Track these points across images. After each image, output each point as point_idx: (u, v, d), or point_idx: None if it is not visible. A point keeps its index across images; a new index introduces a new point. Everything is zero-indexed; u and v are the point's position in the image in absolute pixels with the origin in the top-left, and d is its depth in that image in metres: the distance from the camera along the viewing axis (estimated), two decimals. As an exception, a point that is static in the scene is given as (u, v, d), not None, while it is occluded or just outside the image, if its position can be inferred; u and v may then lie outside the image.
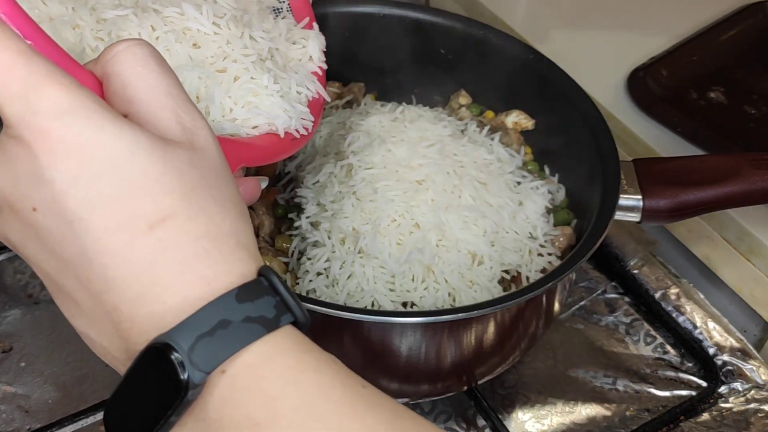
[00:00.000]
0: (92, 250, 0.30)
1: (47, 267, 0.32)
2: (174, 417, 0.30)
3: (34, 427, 0.55)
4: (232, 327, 0.30)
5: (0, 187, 0.31)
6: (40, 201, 0.30)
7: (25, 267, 0.65)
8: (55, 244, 0.31)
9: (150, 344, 0.30)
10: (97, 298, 0.31)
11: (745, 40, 0.79)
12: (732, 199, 0.55)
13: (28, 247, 0.32)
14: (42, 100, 0.30)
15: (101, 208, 0.30)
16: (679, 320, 0.65)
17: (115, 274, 0.30)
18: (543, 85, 0.62)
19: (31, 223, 0.31)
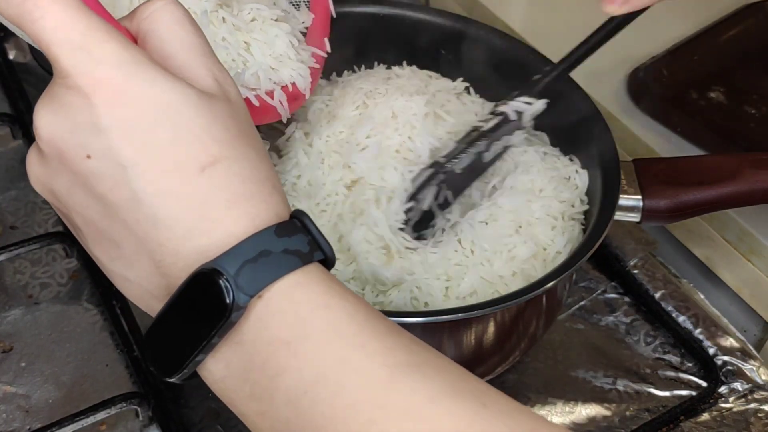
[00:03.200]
0: (145, 192, 0.32)
1: (92, 213, 0.34)
2: (216, 338, 0.32)
3: (34, 427, 0.55)
4: (273, 256, 0.33)
5: (53, 138, 0.33)
6: (96, 148, 0.32)
7: (24, 267, 0.65)
8: (106, 190, 0.33)
9: (197, 270, 0.32)
10: (143, 238, 0.33)
11: (745, 40, 0.79)
12: (732, 199, 0.55)
13: (74, 195, 0.34)
14: (103, 52, 0.32)
15: (156, 154, 0.32)
16: (679, 320, 0.65)
17: (165, 213, 0.32)
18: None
19: (82, 170, 0.33)
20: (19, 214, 0.68)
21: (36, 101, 0.79)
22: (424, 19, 0.66)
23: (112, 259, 0.35)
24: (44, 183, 0.35)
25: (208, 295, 0.32)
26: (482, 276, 0.52)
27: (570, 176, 0.58)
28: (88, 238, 0.35)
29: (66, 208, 0.35)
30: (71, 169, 0.33)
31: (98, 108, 0.32)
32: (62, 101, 0.32)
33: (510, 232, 0.54)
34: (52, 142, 0.33)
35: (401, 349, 0.33)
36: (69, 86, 0.32)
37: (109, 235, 0.34)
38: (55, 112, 0.33)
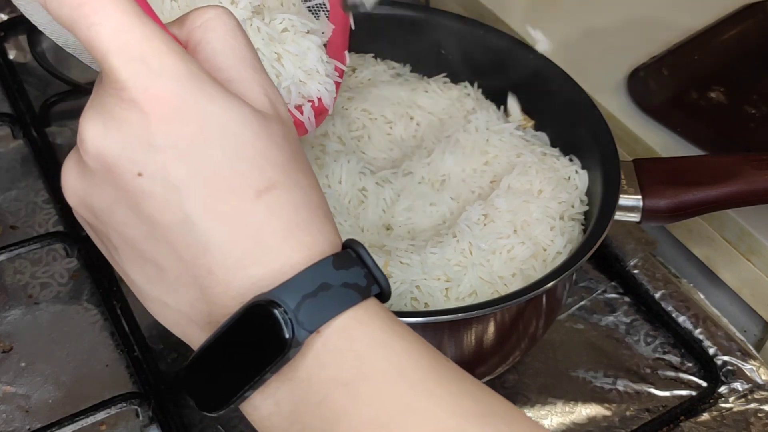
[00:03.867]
0: (198, 215, 0.31)
1: (134, 233, 0.32)
2: (269, 375, 0.31)
3: (34, 427, 0.55)
4: (333, 290, 0.31)
5: (102, 152, 0.31)
6: (148, 167, 0.30)
7: (24, 267, 0.64)
8: (155, 210, 0.31)
9: (252, 301, 0.30)
10: (191, 263, 0.31)
11: (745, 40, 0.79)
12: (732, 199, 0.55)
13: (115, 213, 0.32)
14: (162, 65, 0.30)
15: (212, 176, 0.31)
16: (679, 320, 0.65)
17: (218, 239, 0.31)
18: (543, 85, 0.62)
19: (131, 188, 0.31)
20: (19, 214, 0.68)
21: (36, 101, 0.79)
22: (424, 18, 0.66)
23: (150, 282, 0.33)
24: (81, 197, 0.33)
25: (263, 328, 0.30)
26: (482, 276, 0.52)
27: (570, 176, 0.58)
28: (125, 259, 0.33)
29: (103, 226, 0.33)
30: (118, 186, 0.31)
31: (154, 125, 0.30)
32: (114, 115, 0.31)
33: (508, 233, 0.54)
34: (101, 157, 0.31)
35: (468, 397, 0.31)
36: (123, 99, 0.30)
37: (151, 257, 0.32)
38: (105, 125, 0.31)
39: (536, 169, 0.58)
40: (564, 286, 0.56)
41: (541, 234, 0.54)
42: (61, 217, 0.67)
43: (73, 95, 0.76)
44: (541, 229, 0.54)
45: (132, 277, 0.34)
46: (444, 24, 0.66)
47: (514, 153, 0.59)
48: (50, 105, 0.75)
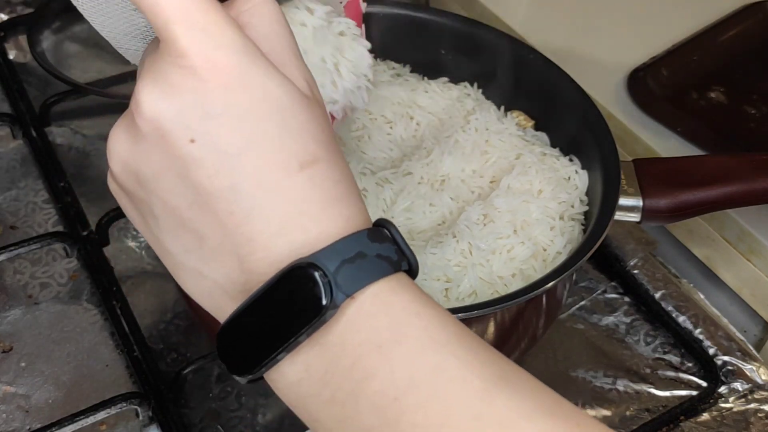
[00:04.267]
0: (245, 183, 0.32)
1: (178, 200, 0.33)
2: (303, 337, 0.31)
3: (34, 427, 0.55)
4: (369, 259, 0.32)
5: (158, 116, 0.32)
6: (203, 133, 0.32)
7: (24, 267, 0.65)
8: (204, 177, 0.32)
9: (293, 264, 0.31)
10: (233, 231, 0.32)
11: (745, 40, 0.79)
12: (732, 199, 0.55)
13: (162, 179, 0.33)
14: (223, 36, 0.32)
15: (262, 146, 0.32)
16: (679, 320, 0.65)
17: (263, 206, 0.32)
18: (543, 85, 0.62)
19: (182, 154, 0.32)
20: (19, 214, 0.68)
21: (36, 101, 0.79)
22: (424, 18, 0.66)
23: (187, 251, 0.34)
24: (128, 162, 0.34)
25: (301, 290, 0.31)
26: (481, 277, 0.52)
27: (570, 176, 0.58)
28: (163, 228, 0.34)
29: (146, 193, 0.34)
30: (169, 151, 0.32)
31: (212, 92, 0.31)
32: (173, 81, 0.31)
33: (508, 233, 0.54)
34: (156, 121, 0.32)
35: (494, 364, 0.32)
36: (183, 66, 0.31)
37: (192, 225, 0.33)
38: (163, 90, 0.32)
39: (536, 169, 0.58)
40: (564, 286, 0.56)
41: (541, 234, 0.54)
42: (61, 217, 0.67)
43: (73, 95, 0.76)
44: (540, 229, 0.54)
45: (168, 246, 0.34)
46: (444, 24, 0.66)
47: (514, 153, 0.59)
48: (50, 105, 0.75)
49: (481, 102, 0.64)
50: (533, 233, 0.54)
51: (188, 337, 0.61)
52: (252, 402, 0.58)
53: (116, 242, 0.66)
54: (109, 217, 0.65)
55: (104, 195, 0.69)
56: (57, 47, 0.83)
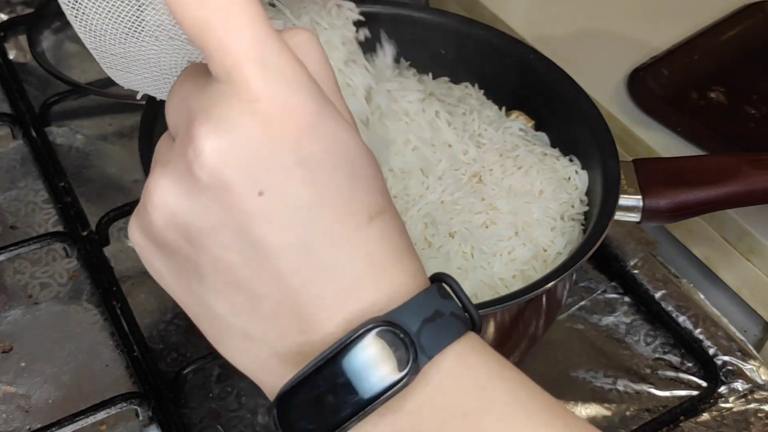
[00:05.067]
0: (316, 238, 0.29)
1: (234, 258, 0.29)
2: (380, 404, 0.29)
3: (34, 427, 0.55)
4: (446, 318, 0.30)
5: (223, 168, 0.28)
6: (273, 186, 0.29)
7: (24, 267, 0.64)
8: (269, 232, 0.29)
9: (370, 324, 0.29)
10: (295, 290, 0.29)
11: (745, 40, 0.79)
12: (732, 199, 0.55)
13: (219, 234, 0.29)
14: (298, 80, 0.29)
15: (334, 198, 0.29)
16: (679, 320, 0.65)
17: (333, 262, 0.29)
18: (543, 85, 0.62)
19: (246, 209, 0.29)
20: (19, 214, 0.68)
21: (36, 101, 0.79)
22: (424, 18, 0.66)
23: (236, 313, 0.30)
24: (178, 216, 0.30)
25: (378, 355, 0.28)
26: (482, 279, 0.52)
27: (570, 177, 0.58)
28: (210, 288, 0.31)
29: (194, 250, 0.30)
30: (233, 205, 0.29)
31: (286, 141, 0.28)
32: (242, 128, 0.28)
33: (509, 235, 0.54)
34: (221, 172, 0.28)
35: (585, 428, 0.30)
36: (254, 113, 0.28)
37: (247, 284, 0.30)
38: (231, 139, 0.28)
39: (537, 169, 0.58)
40: (564, 287, 0.55)
41: (542, 235, 0.54)
42: (61, 217, 0.67)
43: (73, 95, 0.76)
44: (541, 230, 0.54)
45: (214, 307, 0.31)
46: (444, 24, 0.65)
47: (515, 153, 0.59)
48: (50, 105, 0.75)
49: (481, 101, 0.64)
50: (534, 234, 0.54)
51: (188, 337, 0.61)
52: (252, 402, 0.58)
53: (116, 242, 0.66)
54: (109, 217, 0.65)
55: (104, 195, 0.70)
56: (57, 47, 0.83)
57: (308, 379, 0.29)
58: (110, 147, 0.74)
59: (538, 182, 0.57)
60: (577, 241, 0.55)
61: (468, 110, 0.62)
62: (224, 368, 0.59)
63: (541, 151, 0.60)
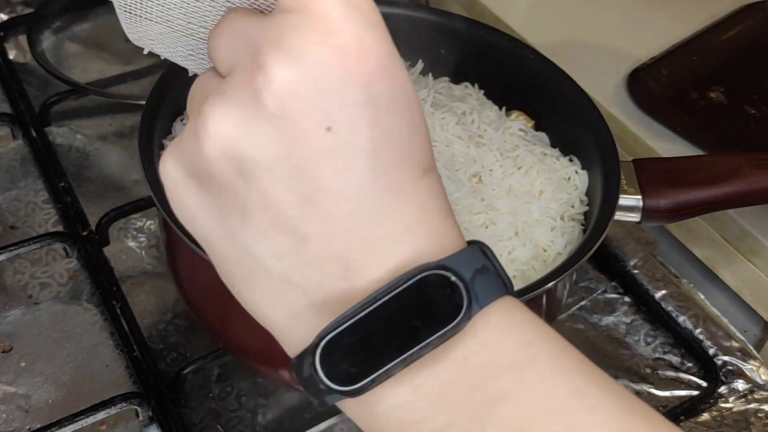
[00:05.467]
0: (376, 182, 0.28)
1: (286, 196, 0.28)
2: (428, 349, 0.28)
3: (34, 427, 0.55)
4: (492, 274, 0.29)
5: (294, 96, 0.27)
6: (342, 122, 0.28)
7: (24, 267, 0.64)
8: (330, 171, 0.28)
9: (425, 268, 0.28)
10: (347, 233, 0.28)
11: (745, 40, 0.79)
12: (732, 199, 0.55)
13: (275, 170, 0.28)
14: (376, 18, 0.29)
15: (396, 144, 0.29)
16: (679, 320, 0.65)
17: (390, 208, 0.29)
18: (543, 85, 0.62)
19: (311, 143, 0.28)
20: (19, 214, 0.68)
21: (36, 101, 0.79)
22: (425, 18, 0.66)
23: (279, 255, 0.29)
24: (234, 144, 0.28)
25: (435, 297, 0.28)
26: None
27: (570, 177, 0.58)
28: (254, 226, 0.29)
29: (244, 183, 0.28)
30: (297, 138, 0.28)
31: (359, 78, 0.28)
32: (315, 58, 0.27)
33: (509, 235, 0.54)
34: (291, 102, 0.27)
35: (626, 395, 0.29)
36: (331, 45, 0.27)
37: (297, 224, 0.28)
38: (304, 68, 0.27)
39: (537, 169, 0.58)
40: (564, 287, 0.55)
41: (542, 235, 0.54)
42: (61, 217, 0.67)
43: (73, 95, 0.76)
44: (541, 230, 0.54)
45: (255, 249, 0.29)
46: (444, 24, 0.65)
47: (515, 153, 0.59)
48: (50, 105, 0.75)
49: (482, 102, 0.64)
50: (534, 234, 0.54)
51: (188, 337, 0.61)
52: (252, 402, 0.58)
53: (116, 242, 0.66)
54: (109, 217, 0.65)
55: (104, 195, 0.70)
56: (57, 47, 0.83)
57: (357, 320, 0.28)
58: (110, 147, 0.74)
59: (538, 182, 0.57)
60: (577, 242, 0.55)
61: (468, 110, 0.62)
62: (224, 368, 0.59)
63: (541, 151, 0.60)
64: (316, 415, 0.57)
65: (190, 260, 0.51)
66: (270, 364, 0.52)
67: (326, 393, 0.28)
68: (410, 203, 0.29)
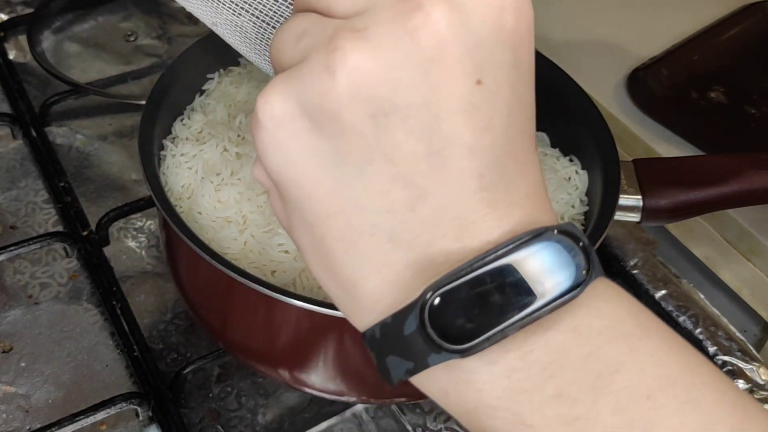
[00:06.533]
0: (505, 146, 0.27)
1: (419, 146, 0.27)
2: (546, 311, 0.26)
3: (34, 427, 0.55)
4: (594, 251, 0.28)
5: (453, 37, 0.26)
6: (492, 78, 0.27)
7: (24, 267, 0.64)
8: (469, 128, 0.27)
9: (548, 229, 0.27)
10: (472, 193, 0.27)
11: (745, 40, 0.79)
12: (732, 199, 0.55)
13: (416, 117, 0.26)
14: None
15: (525, 113, 0.28)
16: (679, 320, 0.65)
17: (513, 174, 0.28)
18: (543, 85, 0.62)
19: (460, 93, 0.26)
20: (19, 214, 0.68)
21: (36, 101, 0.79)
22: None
23: (394, 210, 0.27)
24: (376, 85, 0.26)
25: (558, 258, 0.27)
26: None
27: (570, 177, 0.58)
28: (372, 177, 0.27)
29: (373, 128, 0.27)
30: (447, 87, 0.26)
31: (511, 38, 0.27)
32: (476, 8, 0.26)
33: None
34: (450, 46, 0.26)
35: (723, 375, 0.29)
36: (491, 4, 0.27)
37: (420, 179, 0.27)
38: (464, 14, 0.26)
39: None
40: (564, 286, 0.55)
41: None
42: (61, 217, 0.67)
43: (73, 95, 0.76)
44: None
45: (367, 201, 0.27)
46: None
47: None
48: (50, 105, 0.75)
49: None
50: None
51: (188, 337, 0.61)
52: (252, 402, 0.58)
53: (116, 242, 0.66)
54: (109, 217, 0.65)
55: (104, 195, 0.70)
56: (57, 47, 0.83)
57: (478, 274, 0.26)
58: (110, 147, 0.74)
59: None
60: None
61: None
62: (224, 368, 0.59)
63: (542, 151, 0.60)
64: (316, 415, 0.57)
65: (190, 260, 0.51)
66: (270, 364, 0.52)
67: (431, 352, 0.26)
68: (529, 174, 0.28)
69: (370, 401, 0.55)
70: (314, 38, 0.27)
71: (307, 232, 0.29)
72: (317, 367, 0.50)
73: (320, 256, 0.29)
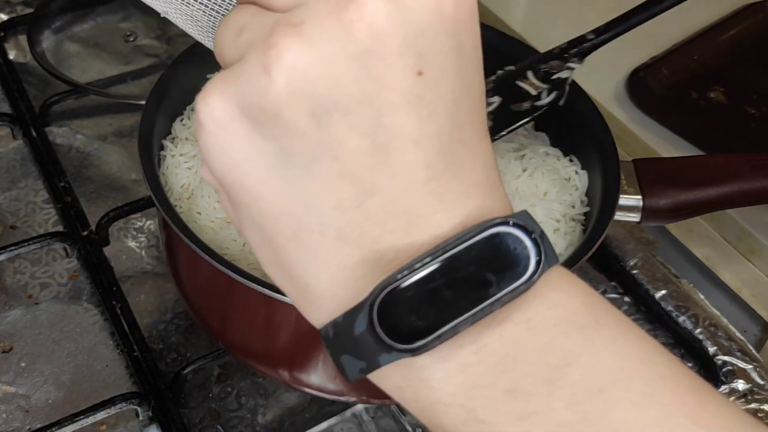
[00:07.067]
0: (453, 134, 0.27)
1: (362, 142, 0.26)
2: (497, 305, 0.26)
3: (34, 427, 0.55)
4: (546, 237, 0.27)
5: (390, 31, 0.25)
6: (433, 67, 0.26)
7: (25, 267, 0.64)
8: (413, 119, 0.26)
9: (498, 222, 0.26)
10: (420, 186, 0.26)
11: (745, 40, 0.79)
12: (732, 199, 0.55)
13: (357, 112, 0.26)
14: None
15: (474, 98, 0.28)
16: (679, 320, 0.65)
17: (462, 163, 0.27)
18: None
19: (401, 86, 0.26)
20: (19, 214, 0.68)
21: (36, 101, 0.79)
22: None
23: (342, 208, 0.27)
24: (315, 82, 0.25)
25: (507, 251, 0.26)
26: None
27: (570, 177, 0.58)
28: (321, 175, 0.26)
29: (316, 126, 0.26)
30: (387, 79, 0.25)
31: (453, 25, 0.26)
32: None
33: None
34: (387, 38, 0.25)
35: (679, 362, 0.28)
36: None
37: (366, 175, 0.26)
38: (404, 6, 0.25)
39: (541, 171, 0.58)
40: (564, 286, 0.55)
41: None
42: (61, 217, 0.67)
43: (73, 95, 0.76)
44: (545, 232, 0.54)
45: (314, 200, 0.27)
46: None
47: (518, 154, 0.59)
48: (50, 105, 0.75)
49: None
50: None
51: (188, 337, 0.61)
52: (252, 402, 0.58)
53: (116, 242, 0.66)
54: (109, 217, 0.65)
55: (104, 195, 0.70)
56: (57, 47, 0.83)
57: (428, 271, 0.26)
58: (110, 147, 0.74)
59: (542, 184, 0.57)
60: (578, 242, 0.55)
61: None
62: (224, 368, 0.59)
63: (544, 151, 0.60)
64: (316, 415, 0.57)
65: (190, 260, 0.51)
66: (270, 364, 0.52)
67: (381, 352, 0.26)
68: (479, 160, 0.28)
69: (370, 401, 0.55)
70: (252, 34, 0.27)
71: (257, 233, 0.29)
72: (317, 367, 0.50)
73: (272, 256, 0.29)
